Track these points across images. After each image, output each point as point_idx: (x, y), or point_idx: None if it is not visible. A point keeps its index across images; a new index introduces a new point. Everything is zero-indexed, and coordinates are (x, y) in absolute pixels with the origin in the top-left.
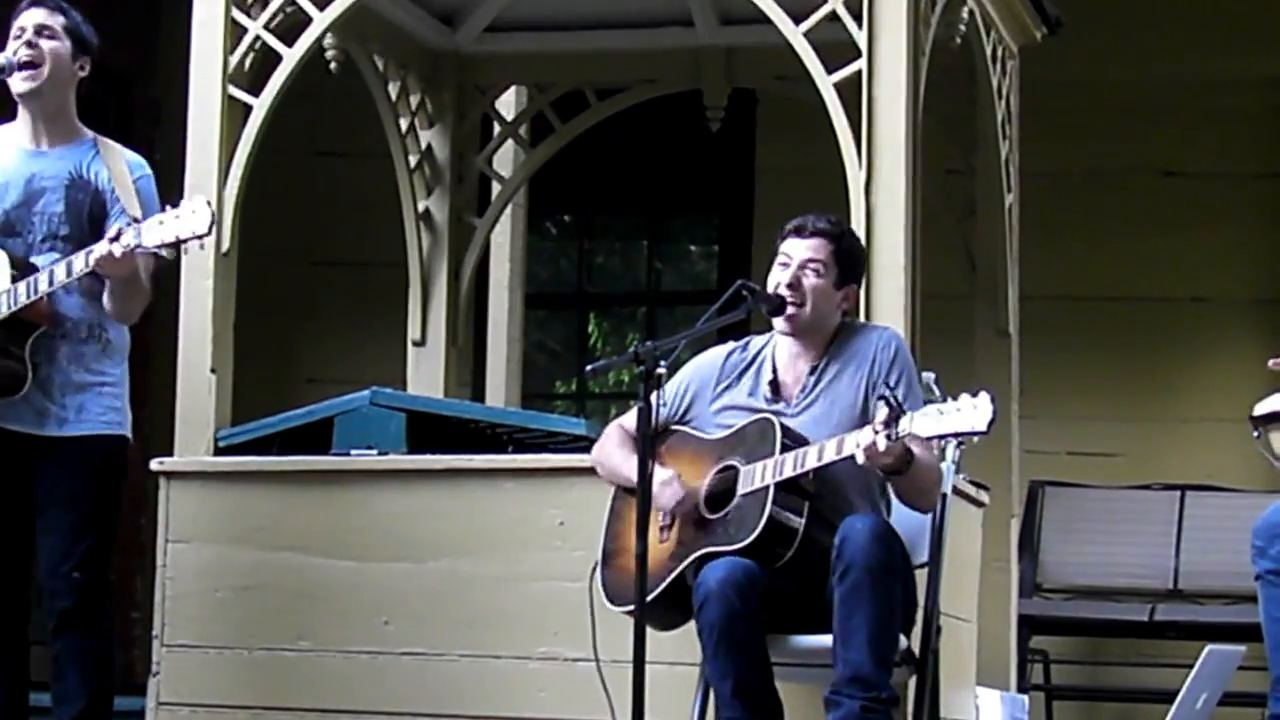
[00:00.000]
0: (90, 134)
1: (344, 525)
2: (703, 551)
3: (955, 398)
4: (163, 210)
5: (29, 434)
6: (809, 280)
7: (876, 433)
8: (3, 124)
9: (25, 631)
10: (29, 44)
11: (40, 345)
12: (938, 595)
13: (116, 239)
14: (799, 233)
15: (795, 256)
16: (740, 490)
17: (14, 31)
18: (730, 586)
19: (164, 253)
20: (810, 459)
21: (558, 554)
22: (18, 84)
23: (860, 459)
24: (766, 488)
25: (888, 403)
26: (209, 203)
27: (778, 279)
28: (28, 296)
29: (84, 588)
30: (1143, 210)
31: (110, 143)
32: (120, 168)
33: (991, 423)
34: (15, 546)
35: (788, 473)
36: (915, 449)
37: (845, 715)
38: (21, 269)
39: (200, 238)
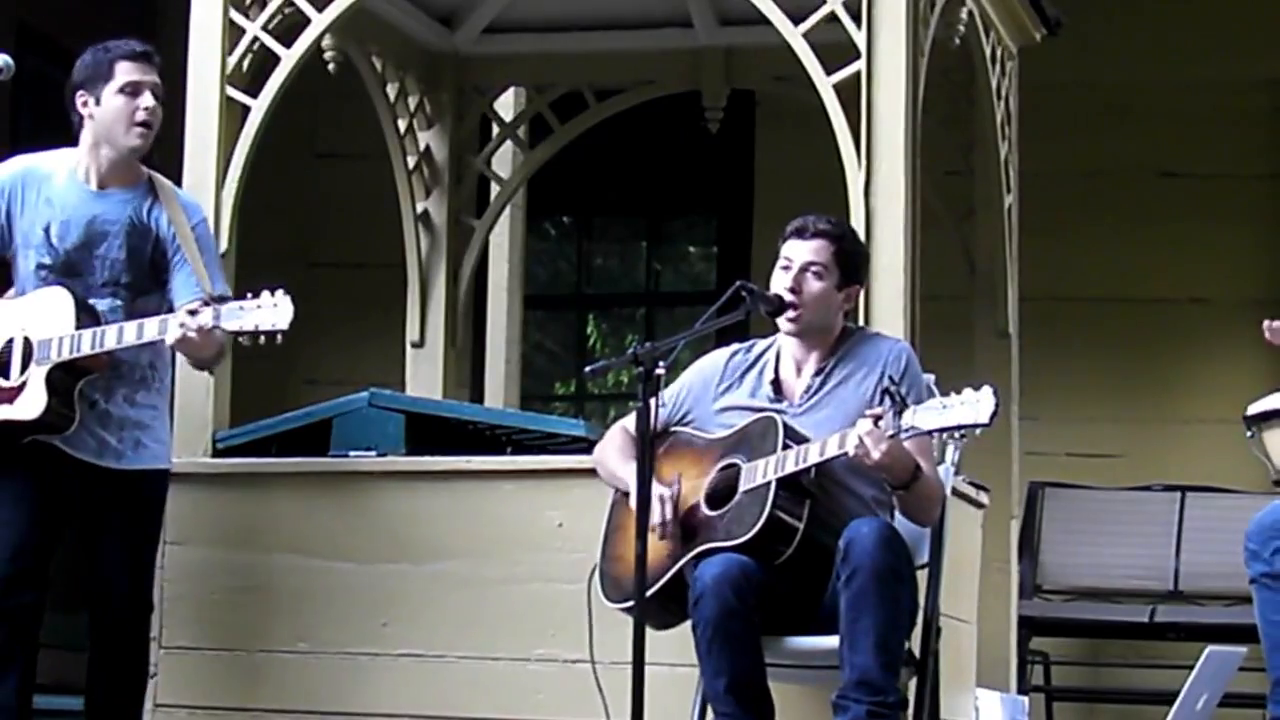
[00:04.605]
0: (146, 173)
1: (343, 527)
2: (701, 548)
3: (958, 393)
4: (244, 297)
5: (85, 461)
6: (810, 284)
7: (872, 418)
8: (51, 148)
9: (37, 635)
10: (152, 110)
11: (95, 383)
12: (938, 597)
13: (194, 314)
14: (800, 234)
15: (796, 259)
16: (741, 487)
17: (125, 85)
18: (726, 583)
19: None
20: (812, 454)
21: (556, 555)
22: (132, 140)
23: (851, 450)
24: (767, 484)
25: (891, 396)
26: (292, 299)
27: (780, 282)
28: (91, 348)
29: (138, 610)
30: (1143, 210)
31: (167, 184)
32: (179, 216)
33: (994, 415)
34: (43, 555)
35: (789, 469)
36: (924, 465)
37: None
38: (84, 312)
39: (279, 333)
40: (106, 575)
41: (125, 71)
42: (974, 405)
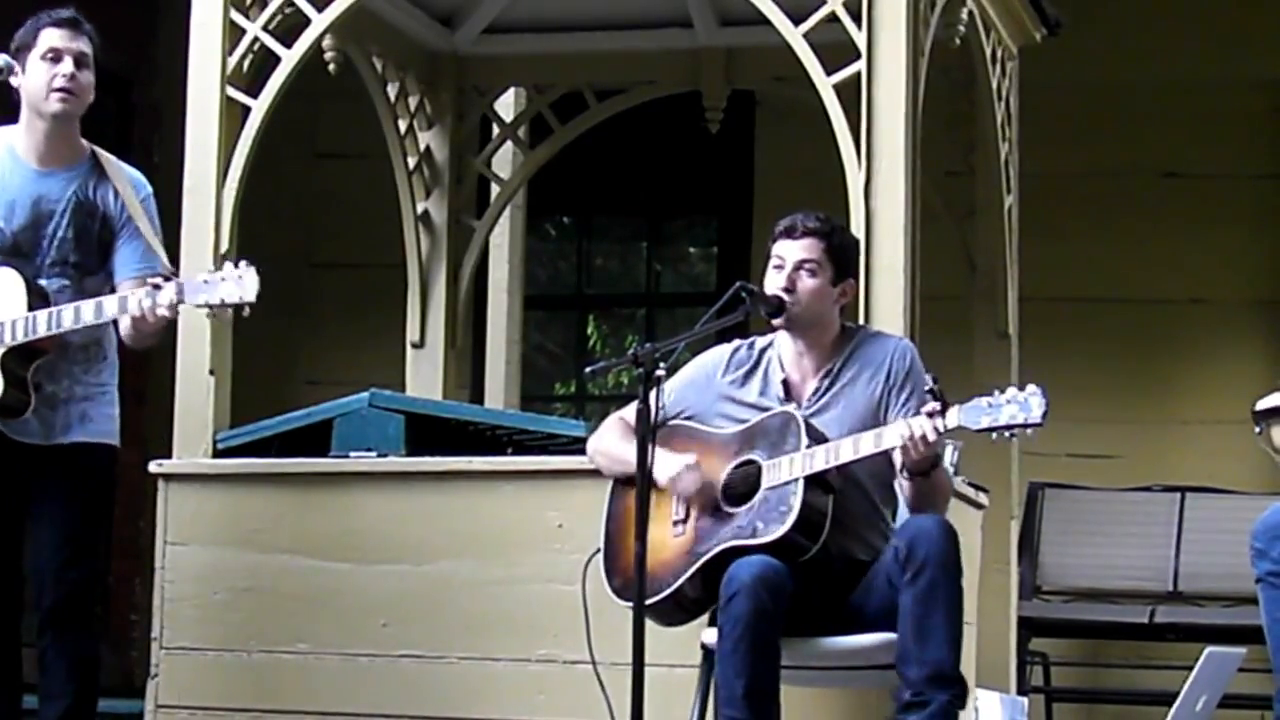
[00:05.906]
0: (88, 149)
1: (343, 527)
2: (727, 545)
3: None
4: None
5: (33, 444)
6: (804, 281)
7: (931, 416)
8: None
9: (19, 632)
10: (71, 76)
11: (43, 366)
12: None
13: (157, 290)
14: (790, 234)
15: (789, 258)
16: (766, 483)
17: (47, 51)
18: (763, 584)
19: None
20: (845, 452)
21: (557, 556)
22: (52, 105)
23: (900, 445)
24: (796, 481)
25: (934, 395)
26: (258, 271)
27: (773, 282)
28: (47, 329)
29: (76, 585)
30: (1143, 210)
31: (110, 158)
32: (127, 190)
33: (1046, 414)
34: (9, 548)
35: (819, 466)
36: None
37: (935, 713)
38: (35, 294)
39: (246, 305)
40: (46, 540)
41: (48, 38)
42: (1022, 404)
